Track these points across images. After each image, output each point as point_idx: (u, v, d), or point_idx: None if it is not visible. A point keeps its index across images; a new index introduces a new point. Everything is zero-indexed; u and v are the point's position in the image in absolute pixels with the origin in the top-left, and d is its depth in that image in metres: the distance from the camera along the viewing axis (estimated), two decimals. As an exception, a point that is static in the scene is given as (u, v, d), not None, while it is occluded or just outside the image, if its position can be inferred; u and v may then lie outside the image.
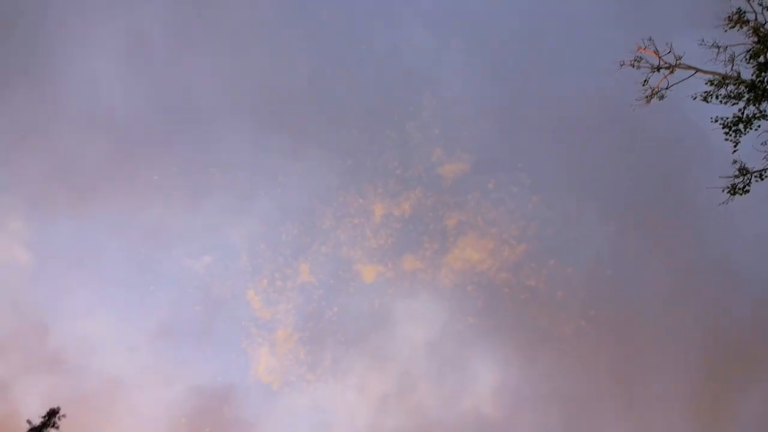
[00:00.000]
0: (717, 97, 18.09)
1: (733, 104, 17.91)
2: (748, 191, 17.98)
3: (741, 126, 17.96)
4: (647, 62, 18.58)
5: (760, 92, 17.14)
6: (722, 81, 17.86)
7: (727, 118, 18.12)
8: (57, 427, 28.63)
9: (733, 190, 18.08)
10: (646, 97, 18.54)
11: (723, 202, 18.34)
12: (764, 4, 16.76)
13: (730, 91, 17.86)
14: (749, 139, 18.07)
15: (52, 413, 28.97)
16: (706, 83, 18.36)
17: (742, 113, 17.79)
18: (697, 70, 18.30)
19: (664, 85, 18.37)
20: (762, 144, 17.89)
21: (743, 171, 17.84)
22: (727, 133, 18.20)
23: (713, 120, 18.26)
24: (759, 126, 17.83)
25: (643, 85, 18.67)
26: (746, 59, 17.24)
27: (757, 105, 17.46)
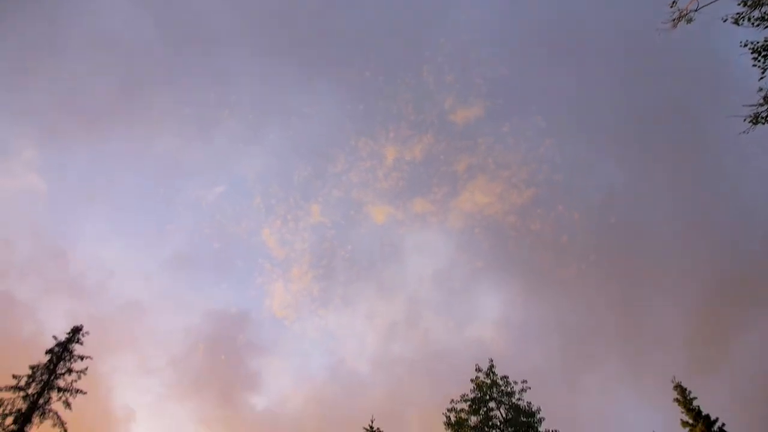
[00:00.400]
0: (749, 19, 17.11)
1: (766, 27, 16.96)
2: (772, 120, 17.46)
3: (772, 51, 17.11)
4: (678, -19, 17.38)
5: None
6: (757, 1, 16.79)
7: (758, 43, 17.24)
8: (81, 343, 29.58)
9: (756, 119, 17.61)
10: (673, 20, 17.49)
11: (743, 132, 17.90)
12: None
13: (765, 13, 16.85)
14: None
15: (76, 330, 29.92)
16: (739, 3, 17.29)
17: (775, 37, 16.88)
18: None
19: (693, 6, 17.29)
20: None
21: (768, 99, 17.22)
22: (755, 59, 17.42)
23: (743, 45, 17.38)
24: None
25: (671, 6, 17.57)
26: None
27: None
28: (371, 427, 37.13)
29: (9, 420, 25.05)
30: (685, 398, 28.77)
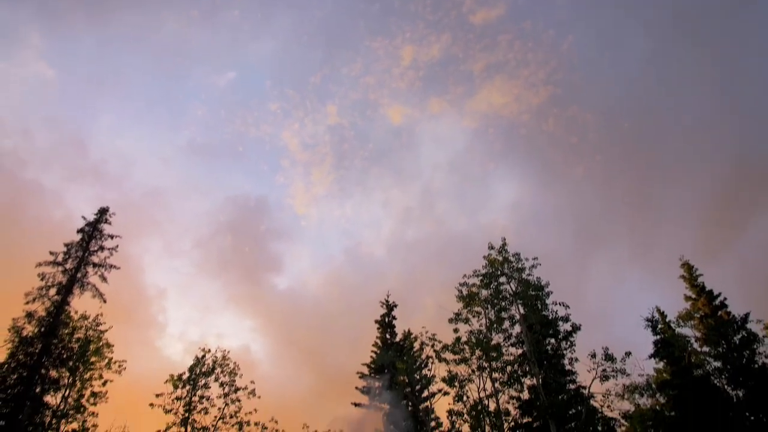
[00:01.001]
0: None
1: None
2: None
3: None
4: None
5: None
6: None
7: None
8: (109, 223, 30.81)
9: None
10: None
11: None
12: None
13: None
14: None
15: (103, 211, 31.12)
16: None
17: None
18: None
19: None
20: None
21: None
22: None
23: None
24: None
25: None
26: None
27: None
28: (387, 302, 39.50)
29: (52, 291, 27.06)
30: (691, 275, 29.73)
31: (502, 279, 28.27)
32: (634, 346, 36.51)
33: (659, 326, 25.40)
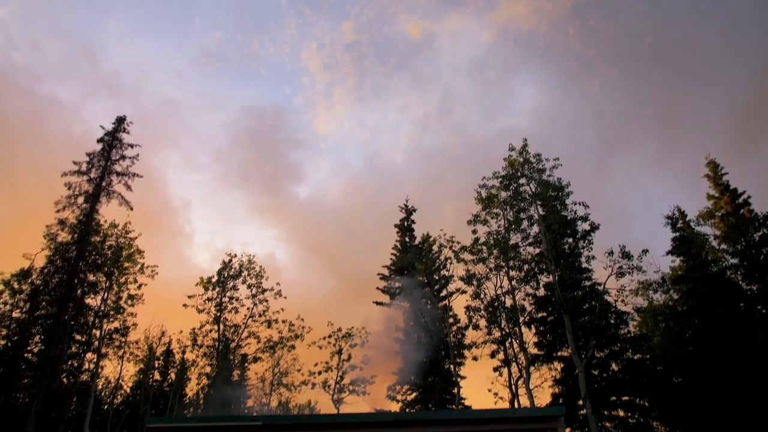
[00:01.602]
0: None
1: None
2: None
3: None
4: None
5: None
6: None
7: None
8: (128, 132, 30.85)
9: None
10: None
11: None
12: None
13: None
14: None
15: (121, 120, 31.08)
16: None
17: None
18: None
19: None
20: None
21: None
22: None
23: None
24: None
25: None
26: None
27: None
28: (406, 206, 39.96)
29: (80, 199, 27.85)
30: (715, 173, 29.19)
31: (522, 180, 28.09)
32: (651, 247, 36.90)
33: (679, 224, 25.39)
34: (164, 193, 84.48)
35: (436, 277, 32.83)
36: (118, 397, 40.04)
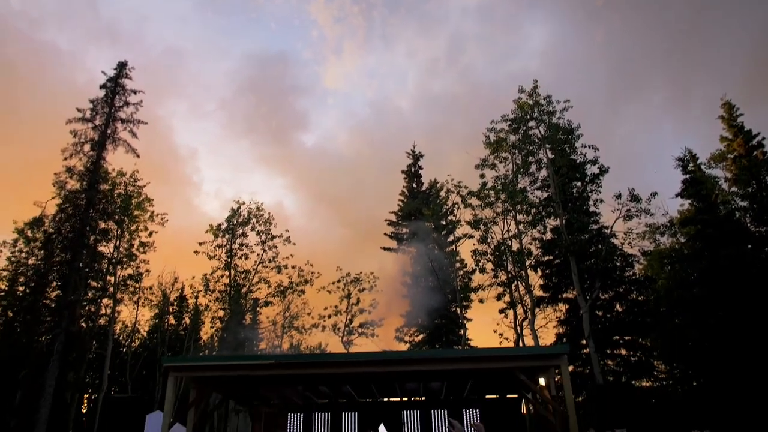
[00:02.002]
0: None
1: None
2: None
3: None
4: None
5: None
6: None
7: None
8: (130, 78, 30.32)
9: None
10: None
11: None
12: None
13: None
14: None
15: (122, 65, 30.48)
16: None
17: None
18: None
19: None
20: None
21: None
22: None
23: None
24: None
25: None
26: None
27: None
28: (413, 152, 39.67)
29: (87, 147, 27.83)
30: (730, 114, 28.53)
31: (531, 123, 27.60)
32: (660, 192, 36.64)
33: (690, 166, 25.05)
34: (170, 141, 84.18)
35: (443, 223, 32.99)
36: (136, 340, 41.47)
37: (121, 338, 40.48)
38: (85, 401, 37.44)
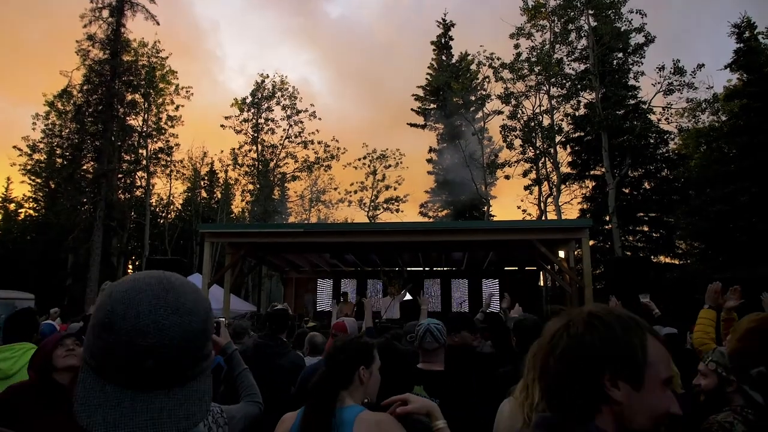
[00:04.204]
0: None
1: None
2: None
3: None
4: None
5: None
6: None
7: None
8: None
9: None
10: None
11: None
12: None
13: None
14: None
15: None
16: None
17: None
18: None
19: None
20: None
21: None
22: None
23: None
24: None
25: None
26: None
27: None
28: (444, 21, 37.19)
29: (105, 13, 26.92)
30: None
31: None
32: (708, 66, 34.16)
33: (745, 34, 22.81)
34: (192, 14, 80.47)
35: (473, 98, 31.88)
36: (171, 213, 43.49)
37: (157, 210, 42.45)
38: (130, 265, 40.43)
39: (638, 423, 0.99)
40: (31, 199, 37.48)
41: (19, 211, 38.52)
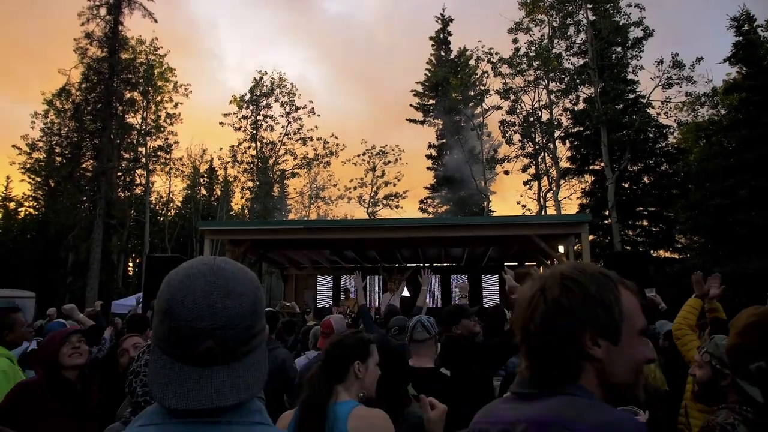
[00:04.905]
0: None
1: None
2: None
3: None
4: None
5: None
6: None
7: None
8: None
9: None
10: None
11: None
12: None
13: None
14: None
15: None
16: None
17: None
18: None
19: None
20: None
21: None
22: None
23: None
24: None
25: None
26: None
27: None
28: (442, 16, 37.13)
29: (103, 11, 26.83)
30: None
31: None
32: (707, 59, 34.16)
33: (744, 27, 22.75)
34: (190, 11, 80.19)
35: (471, 93, 31.83)
36: (171, 210, 43.47)
37: (157, 207, 42.43)
38: (130, 263, 40.45)
39: (620, 376, 1.02)
40: (30, 198, 37.49)
41: (19, 209, 38.53)
